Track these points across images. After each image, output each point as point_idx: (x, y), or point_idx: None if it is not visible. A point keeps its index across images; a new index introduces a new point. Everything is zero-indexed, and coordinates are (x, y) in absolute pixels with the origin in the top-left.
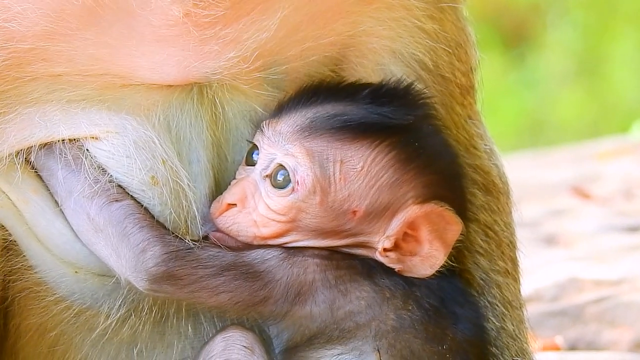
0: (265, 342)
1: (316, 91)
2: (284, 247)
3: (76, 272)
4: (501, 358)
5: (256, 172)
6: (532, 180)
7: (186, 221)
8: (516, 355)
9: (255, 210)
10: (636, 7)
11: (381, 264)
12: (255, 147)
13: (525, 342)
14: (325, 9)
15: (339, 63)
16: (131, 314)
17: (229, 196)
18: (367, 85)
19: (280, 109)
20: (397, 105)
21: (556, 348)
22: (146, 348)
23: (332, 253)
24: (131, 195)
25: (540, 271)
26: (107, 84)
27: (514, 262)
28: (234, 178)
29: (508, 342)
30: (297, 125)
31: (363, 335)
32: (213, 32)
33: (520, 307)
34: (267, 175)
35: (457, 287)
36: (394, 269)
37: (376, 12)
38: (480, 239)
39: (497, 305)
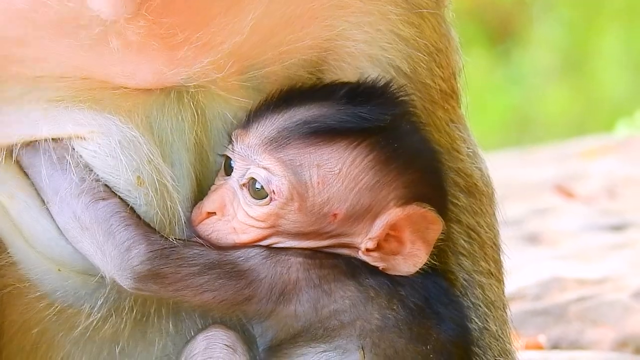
0: (248, 341)
1: (288, 96)
2: (267, 247)
3: (59, 269)
4: (484, 358)
5: (233, 180)
6: (516, 179)
7: (171, 222)
8: (499, 356)
9: (235, 217)
10: (622, 3)
11: (365, 263)
12: (230, 158)
13: (509, 342)
14: (300, 13)
15: (318, 66)
16: (112, 313)
17: (207, 204)
18: (344, 85)
19: (249, 119)
20: (374, 105)
21: (539, 347)
22: (128, 346)
23: (315, 252)
24: (117, 195)
25: (524, 270)
26: (87, 86)
27: (497, 263)
28: (214, 183)
29: (491, 342)
30: (265, 136)
31: (347, 334)
32: (183, 37)
33: (504, 308)
34: (243, 185)
35: (441, 286)
36: (378, 268)
37: (352, 16)
38: (463, 240)
39: (480, 306)
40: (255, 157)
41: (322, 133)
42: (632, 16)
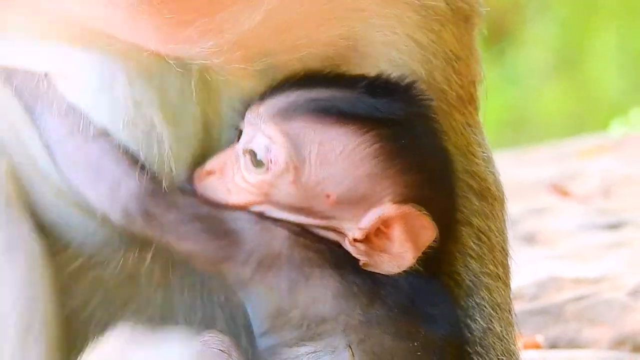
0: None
1: (309, 78)
2: (258, 214)
3: (56, 194)
4: (486, 357)
5: (238, 146)
6: (512, 179)
7: (160, 164)
8: (502, 355)
9: (232, 179)
10: (617, 2)
11: (351, 261)
12: (242, 131)
13: (513, 343)
14: (316, 11)
15: (334, 61)
16: (105, 255)
17: (209, 164)
18: (367, 77)
19: (266, 93)
20: (392, 100)
21: (537, 346)
22: (117, 298)
23: (304, 231)
24: (109, 135)
25: (520, 270)
26: (81, 28)
27: (505, 267)
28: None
29: (494, 342)
30: (276, 107)
31: (332, 329)
32: (191, 18)
33: (510, 311)
34: (245, 151)
35: (433, 288)
36: (362, 266)
37: (370, 18)
38: (473, 242)
39: (485, 307)
40: (262, 125)
41: (331, 114)
42: (627, 15)
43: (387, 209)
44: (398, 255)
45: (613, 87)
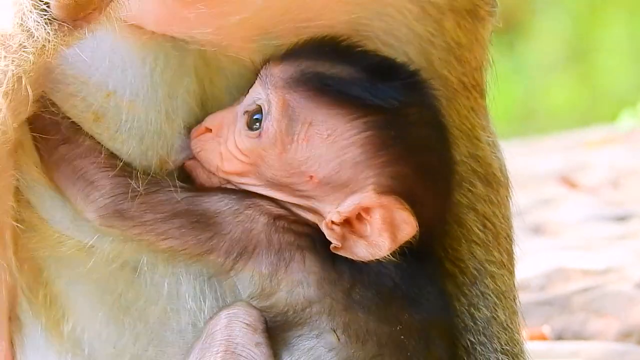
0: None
1: (326, 45)
2: (239, 200)
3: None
4: (490, 347)
5: (241, 106)
6: (520, 170)
7: (144, 156)
8: (506, 345)
9: (225, 143)
10: None
11: (329, 250)
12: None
13: (517, 332)
14: None
15: None
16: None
17: (209, 119)
18: (373, 57)
19: (287, 53)
20: (390, 86)
21: (543, 337)
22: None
23: (284, 214)
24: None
25: (527, 260)
26: None
27: (510, 254)
28: None
29: (499, 331)
30: (288, 73)
31: (317, 313)
32: (193, 1)
33: (514, 299)
34: (246, 112)
35: (420, 273)
36: (332, 249)
37: (370, 4)
38: (478, 229)
39: (490, 295)
40: (270, 87)
41: (328, 93)
42: (636, 8)
43: (368, 197)
44: (374, 244)
45: (622, 79)
